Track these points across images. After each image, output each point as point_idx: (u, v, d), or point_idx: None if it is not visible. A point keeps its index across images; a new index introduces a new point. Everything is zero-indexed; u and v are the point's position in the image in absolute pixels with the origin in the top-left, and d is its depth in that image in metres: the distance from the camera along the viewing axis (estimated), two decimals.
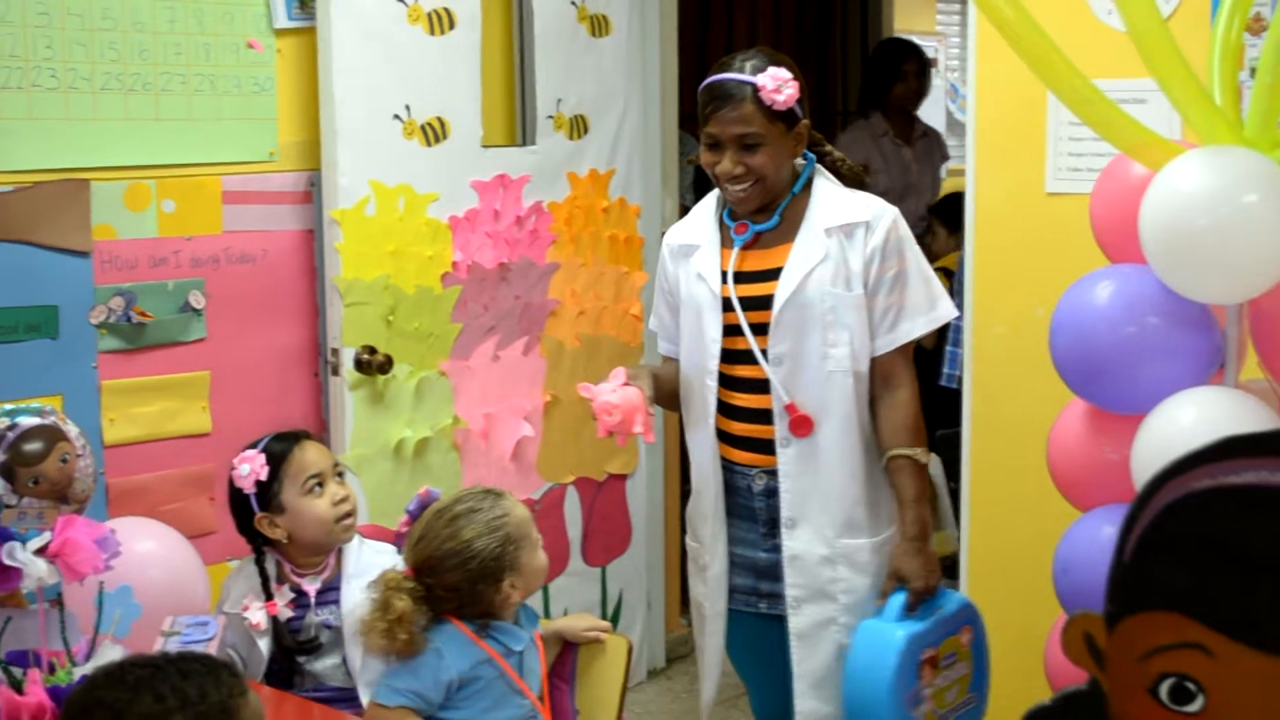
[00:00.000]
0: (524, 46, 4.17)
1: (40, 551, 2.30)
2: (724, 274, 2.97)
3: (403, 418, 3.87)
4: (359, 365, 3.75)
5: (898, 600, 2.87)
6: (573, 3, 4.21)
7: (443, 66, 3.88)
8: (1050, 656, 2.92)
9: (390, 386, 3.83)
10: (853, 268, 2.91)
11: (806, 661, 2.99)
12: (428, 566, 2.65)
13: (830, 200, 2.97)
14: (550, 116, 4.19)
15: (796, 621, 2.98)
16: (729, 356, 2.98)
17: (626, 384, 2.88)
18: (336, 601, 2.99)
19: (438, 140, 3.88)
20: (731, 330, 2.97)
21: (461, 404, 4.02)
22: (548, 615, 4.26)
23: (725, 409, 3.01)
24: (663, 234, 4.66)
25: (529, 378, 4.20)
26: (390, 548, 3.06)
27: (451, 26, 3.89)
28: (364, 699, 2.78)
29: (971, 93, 3.58)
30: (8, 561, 2.28)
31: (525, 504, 4.13)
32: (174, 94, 3.49)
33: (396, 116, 3.78)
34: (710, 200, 3.10)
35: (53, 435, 2.36)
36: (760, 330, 2.93)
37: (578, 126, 4.27)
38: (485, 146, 4.01)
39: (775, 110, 2.87)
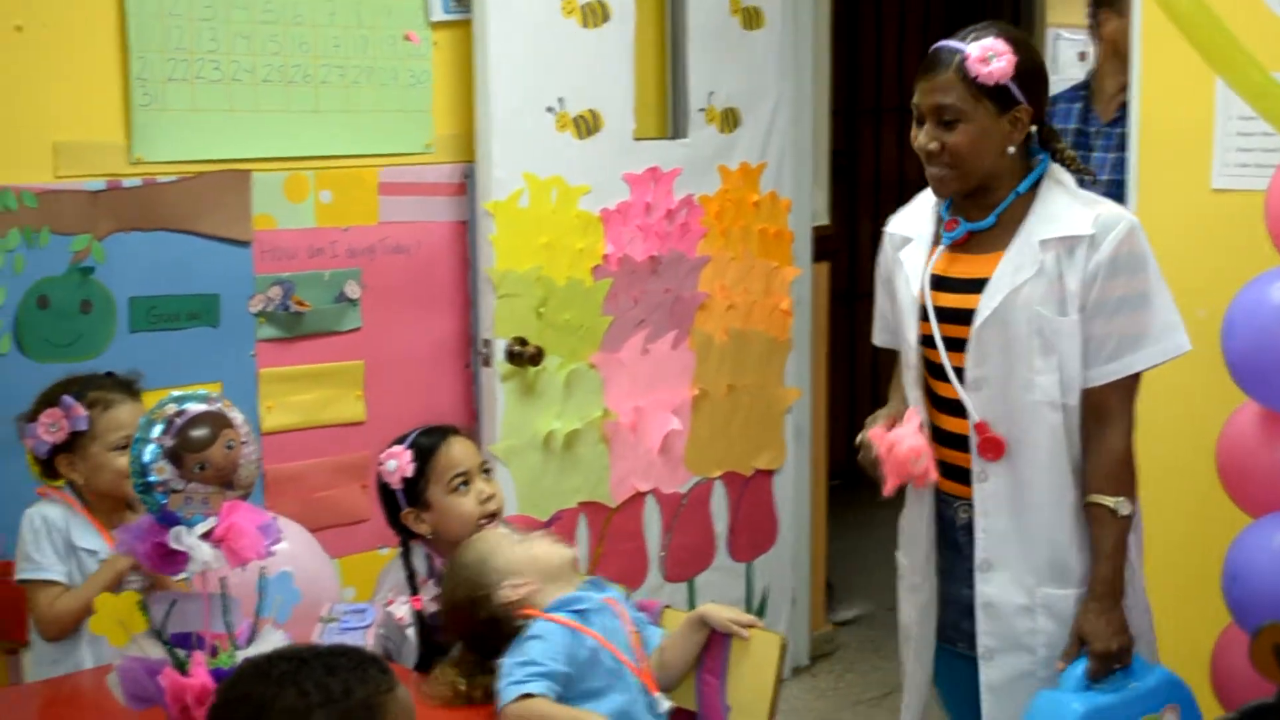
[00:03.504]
0: (676, 39, 4.16)
1: (205, 536, 2.32)
2: (924, 276, 2.66)
3: (552, 409, 3.88)
4: (510, 357, 3.77)
5: (1078, 668, 2.54)
6: None
7: (596, 59, 3.88)
8: (1218, 666, 2.84)
9: (541, 378, 3.85)
10: (1069, 288, 2.53)
11: (1000, 716, 2.67)
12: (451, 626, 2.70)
13: (1055, 208, 2.58)
14: (702, 109, 4.17)
15: (989, 673, 2.66)
16: (934, 370, 2.67)
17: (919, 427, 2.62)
18: None
19: (590, 133, 3.89)
20: (928, 342, 2.65)
21: (611, 396, 4.02)
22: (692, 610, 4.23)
23: (934, 431, 2.70)
24: (814, 229, 4.66)
25: (678, 371, 4.19)
26: None
27: (605, 19, 3.89)
28: None
29: (1135, 85, 3.50)
30: (174, 545, 2.31)
31: (672, 498, 4.18)
32: (333, 86, 3.53)
33: (550, 109, 3.79)
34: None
35: (219, 422, 2.37)
36: (957, 347, 2.60)
37: (729, 119, 4.24)
38: (637, 139, 4.01)
39: (980, 84, 2.52)
